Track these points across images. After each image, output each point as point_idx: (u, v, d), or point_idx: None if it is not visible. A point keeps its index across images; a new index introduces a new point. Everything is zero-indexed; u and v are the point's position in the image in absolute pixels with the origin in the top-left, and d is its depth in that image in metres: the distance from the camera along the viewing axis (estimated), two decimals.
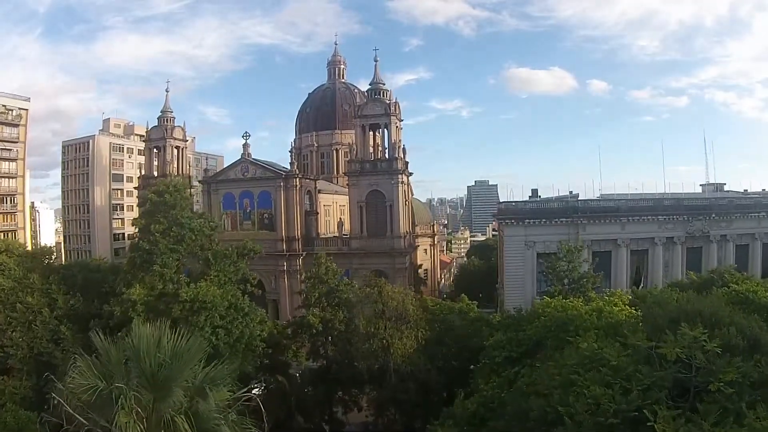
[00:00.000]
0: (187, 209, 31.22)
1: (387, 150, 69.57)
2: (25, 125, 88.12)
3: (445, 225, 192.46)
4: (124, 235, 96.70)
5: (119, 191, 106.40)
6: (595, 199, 56.08)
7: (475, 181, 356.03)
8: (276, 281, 68.01)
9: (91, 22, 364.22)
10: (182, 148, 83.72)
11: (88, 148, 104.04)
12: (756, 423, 13.98)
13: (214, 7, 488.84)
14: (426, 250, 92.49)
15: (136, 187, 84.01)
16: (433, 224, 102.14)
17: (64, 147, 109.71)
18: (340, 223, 75.87)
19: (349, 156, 72.77)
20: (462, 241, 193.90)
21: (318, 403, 35.72)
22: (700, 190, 69.37)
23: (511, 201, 59.39)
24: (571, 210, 51.68)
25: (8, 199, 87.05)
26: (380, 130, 70.33)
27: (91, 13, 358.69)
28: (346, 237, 69.60)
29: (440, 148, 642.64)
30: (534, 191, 62.14)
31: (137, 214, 36.79)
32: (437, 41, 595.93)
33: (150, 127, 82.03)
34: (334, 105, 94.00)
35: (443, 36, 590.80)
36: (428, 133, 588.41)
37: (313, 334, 34.47)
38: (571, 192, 61.33)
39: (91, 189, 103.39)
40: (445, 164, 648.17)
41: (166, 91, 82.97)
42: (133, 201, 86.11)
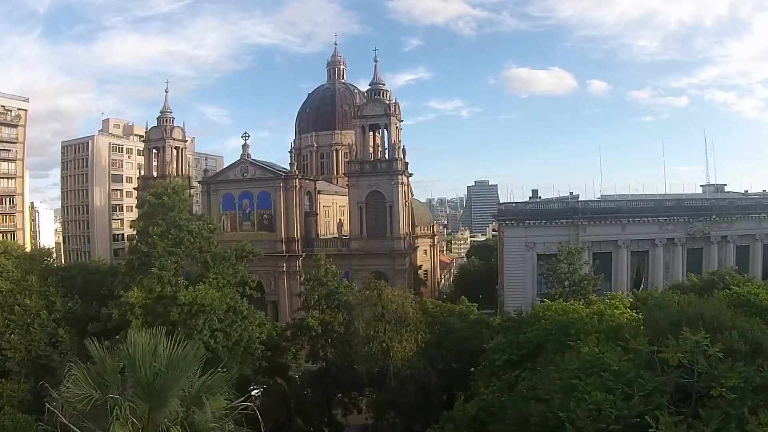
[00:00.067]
0: (185, 211, 31.01)
1: (387, 150, 69.37)
2: (24, 126, 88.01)
3: (445, 225, 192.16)
4: (124, 236, 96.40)
5: (119, 192, 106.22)
6: (596, 200, 56.02)
7: (475, 181, 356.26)
8: (275, 282, 67.84)
9: (91, 22, 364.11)
10: (182, 149, 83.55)
11: (88, 148, 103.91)
12: (758, 429, 13.90)
13: (214, 7, 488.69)
14: (426, 250, 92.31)
15: (135, 187, 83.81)
16: (433, 225, 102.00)
17: (63, 147, 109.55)
18: (340, 223, 75.70)
19: (348, 156, 72.57)
20: (462, 242, 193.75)
21: (317, 405, 35.61)
22: (700, 190, 69.29)
23: (512, 202, 59.27)
24: (571, 211, 51.60)
25: (7, 199, 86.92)
26: (380, 131, 70.13)
27: (91, 13, 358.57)
28: (346, 238, 69.46)
29: (440, 148, 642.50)
30: (534, 192, 62.02)
31: (137, 215, 36.58)
32: (437, 41, 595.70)
33: (149, 128, 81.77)
34: (334, 105, 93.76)
35: (443, 36, 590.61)
36: (428, 133, 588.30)
37: (313, 336, 34.34)
38: (571, 193, 61.25)
39: (91, 189, 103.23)
40: (445, 164, 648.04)
41: (166, 92, 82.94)
42: (133, 201, 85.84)
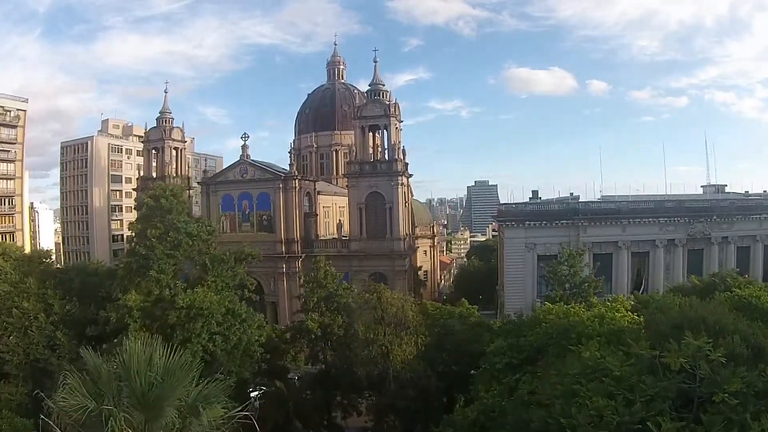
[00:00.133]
0: (183, 213, 30.84)
1: (387, 151, 69.21)
2: (23, 126, 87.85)
3: (445, 225, 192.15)
4: (123, 237, 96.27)
5: (118, 192, 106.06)
6: (596, 201, 55.81)
7: (475, 182, 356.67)
8: (275, 283, 67.69)
9: (91, 22, 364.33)
10: (181, 149, 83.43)
11: (87, 149, 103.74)
12: None
13: (214, 7, 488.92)
14: (426, 251, 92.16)
15: (134, 188, 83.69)
16: (433, 225, 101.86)
17: (62, 148, 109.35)
18: (340, 224, 75.50)
19: (348, 157, 72.42)
20: (462, 242, 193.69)
21: (316, 408, 35.45)
22: (700, 191, 69.12)
23: (512, 203, 59.05)
24: (571, 212, 51.36)
25: (6, 200, 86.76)
26: (380, 131, 69.99)
27: (91, 13, 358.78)
28: (346, 239, 69.29)
29: (440, 148, 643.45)
30: (534, 193, 61.72)
31: (135, 218, 36.42)
32: (437, 41, 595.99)
33: (148, 128, 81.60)
34: (334, 106, 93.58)
35: (443, 36, 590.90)
36: (428, 133, 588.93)
37: (312, 339, 34.20)
38: (571, 194, 61.08)
39: (90, 190, 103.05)
40: (445, 164, 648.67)
41: (165, 92, 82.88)
42: (132, 202, 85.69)
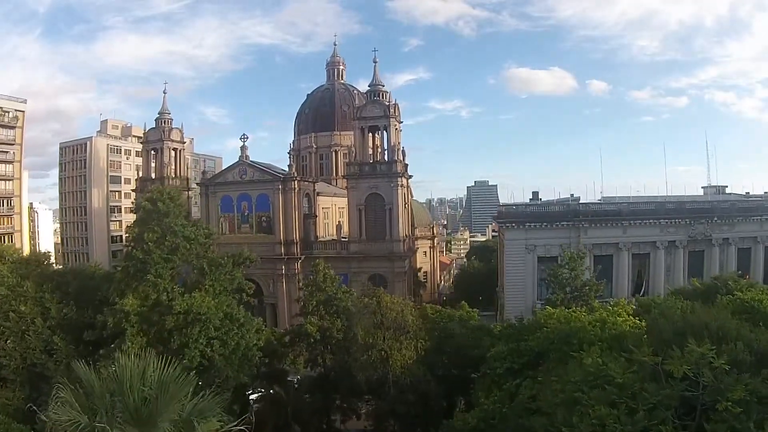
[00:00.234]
0: (180, 216, 30.55)
1: (386, 152, 69.02)
2: (22, 127, 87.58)
3: (445, 225, 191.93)
4: (122, 238, 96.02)
5: (117, 193, 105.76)
6: (597, 203, 55.57)
7: (475, 182, 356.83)
8: (274, 285, 67.42)
9: (91, 22, 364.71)
10: (180, 150, 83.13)
11: (86, 149, 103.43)
12: None
13: (214, 7, 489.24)
14: (425, 252, 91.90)
15: (133, 189, 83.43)
16: (433, 226, 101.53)
17: (61, 149, 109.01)
18: (339, 225, 75.26)
19: (348, 158, 72.14)
20: (462, 242, 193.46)
21: (315, 412, 35.19)
22: (701, 191, 68.90)
23: (512, 204, 58.83)
24: (572, 213, 51.14)
25: (5, 201, 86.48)
26: (379, 132, 69.81)
27: (91, 13, 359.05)
28: (345, 240, 69.04)
29: (440, 148, 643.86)
30: (535, 194, 61.47)
31: (132, 221, 36.16)
32: (437, 41, 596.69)
33: (147, 129, 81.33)
34: (333, 106, 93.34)
35: (443, 36, 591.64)
36: (428, 133, 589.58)
37: (311, 342, 33.96)
38: (572, 195, 60.84)
39: (89, 191, 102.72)
40: (444, 164, 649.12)
41: (164, 93, 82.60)
42: (132, 203, 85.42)
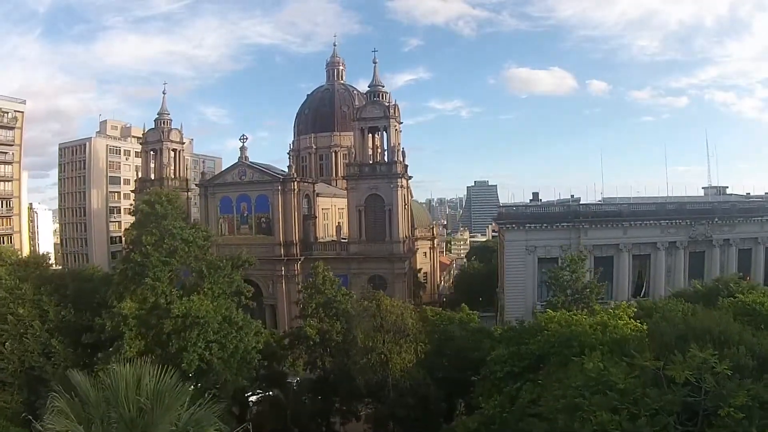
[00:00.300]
0: (179, 219, 30.35)
1: (386, 153, 68.84)
2: (21, 128, 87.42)
3: (445, 225, 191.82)
4: (122, 239, 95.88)
5: (116, 194, 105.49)
6: (597, 203, 55.38)
7: (475, 182, 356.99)
8: (274, 286, 67.23)
9: (91, 22, 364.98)
10: (179, 151, 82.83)
11: (85, 150, 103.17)
12: None
13: (214, 7, 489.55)
14: (425, 253, 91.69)
15: (133, 190, 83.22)
16: (433, 227, 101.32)
17: (60, 149, 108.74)
18: (339, 226, 75.09)
19: (348, 159, 71.97)
20: (462, 242, 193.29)
21: (315, 415, 35.03)
22: (701, 192, 68.72)
23: (512, 205, 58.62)
24: (572, 214, 50.95)
25: (4, 202, 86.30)
26: (379, 133, 69.62)
27: (91, 13, 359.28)
28: (345, 241, 68.83)
29: (440, 148, 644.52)
30: (535, 194, 61.23)
31: (130, 224, 35.99)
32: (437, 41, 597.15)
33: (147, 130, 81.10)
34: (333, 107, 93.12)
35: (443, 36, 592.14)
36: (428, 133, 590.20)
37: (310, 345, 33.81)
38: (572, 196, 60.58)
39: (88, 192, 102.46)
40: (444, 164, 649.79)
41: (163, 93, 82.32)
42: (131, 204, 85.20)
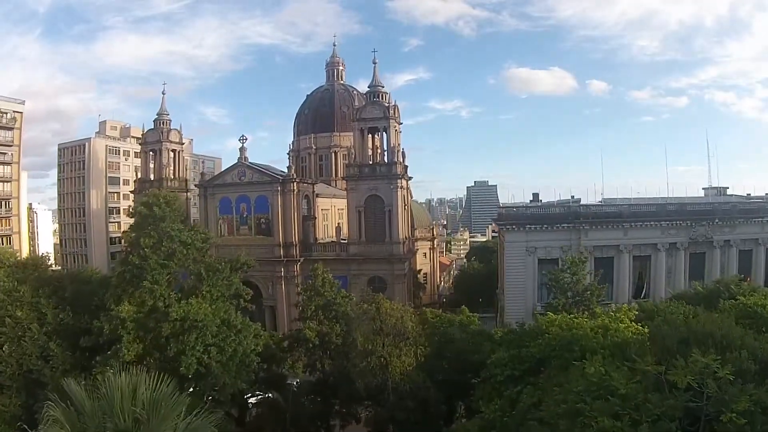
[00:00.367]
0: (177, 221, 30.19)
1: (386, 153, 68.73)
2: (20, 128, 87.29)
3: (445, 226, 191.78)
4: (121, 239, 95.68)
5: (116, 194, 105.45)
6: (597, 204, 55.23)
7: (475, 182, 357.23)
8: (273, 287, 67.09)
9: (91, 22, 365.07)
10: (179, 151, 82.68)
11: (84, 150, 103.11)
12: None
13: (214, 7, 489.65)
14: (425, 253, 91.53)
15: (132, 190, 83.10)
16: (433, 227, 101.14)
17: (59, 150, 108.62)
18: (339, 227, 74.95)
19: (347, 159, 71.85)
20: (461, 243, 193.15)
21: (314, 417, 34.88)
22: (702, 192, 68.61)
23: (512, 206, 58.48)
24: (573, 215, 50.82)
25: (3, 203, 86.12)
26: (379, 134, 69.50)
27: (91, 13, 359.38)
28: (345, 242, 68.68)
29: (440, 148, 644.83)
30: (535, 195, 61.13)
31: (129, 226, 35.86)
32: (437, 41, 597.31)
33: (146, 130, 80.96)
34: (333, 107, 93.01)
35: (443, 36, 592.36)
36: (428, 133, 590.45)
37: (310, 348, 33.68)
38: (572, 196, 60.46)
39: (87, 192, 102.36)
40: (444, 164, 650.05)
41: (162, 94, 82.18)
42: (130, 204, 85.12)
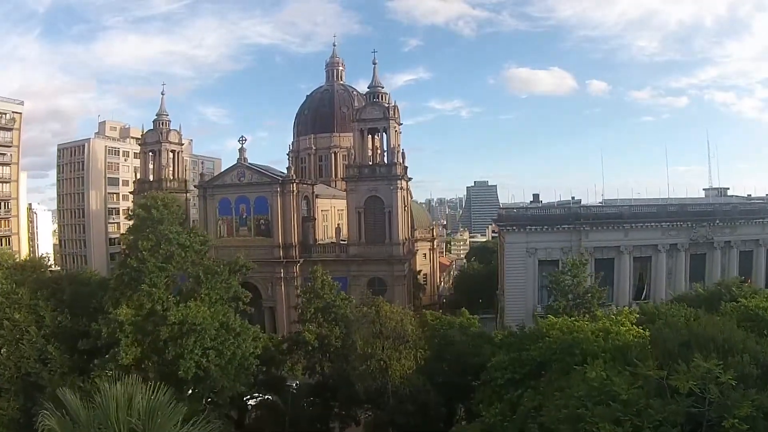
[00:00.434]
0: (175, 224, 30.04)
1: (386, 154, 68.58)
2: (19, 129, 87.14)
3: (444, 226, 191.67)
4: (120, 240, 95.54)
5: (115, 195, 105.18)
6: (598, 205, 55.07)
7: (475, 182, 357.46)
8: (273, 288, 66.91)
9: (91, 22, 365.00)
10: (178, 152, 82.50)
11: (84, 151, 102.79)
12: None
13: (214, 7, 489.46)
14: (425, 254, 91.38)
15: (131, 191, 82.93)
16: (433, 228, 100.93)
17: (59, 150, 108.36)
18: (338, 228, 74.78)
19: (347, 160, 71.70)
20: (461, 243, 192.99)
21: (314, 420, 34.75)
22: (701, 192, 68.58)
23: (512, 207, 58.36)
24: (573, 216, 50.69)
25: (2, 204, 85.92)
26: (379, 134, 69.34)
27: (91, 13, 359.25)
28: (344, 243, 68.51)
29: (440, 148, 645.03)
30: (535, 196, 61.02)
31: (126, 228, 35.72)
32: (437, 41, 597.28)
33: (145, 131, 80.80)
34: (333, 107, 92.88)
35: (443, 36, 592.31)
36: (428, 133, 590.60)
37: (309, 350, 33.54)
38: (573, 197, 60.30)
39: (87, 193, 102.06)
40: (444, 164, 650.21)
41: (162, 94, 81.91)
42: (129, 205, 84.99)
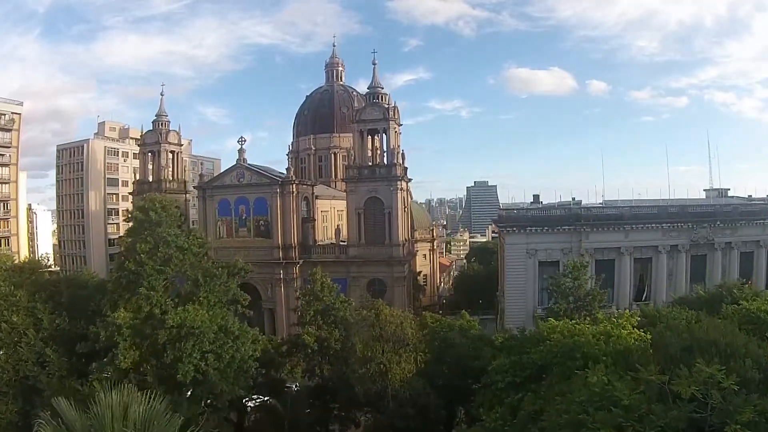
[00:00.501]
0: (173, 226, 29.87)
1: (386, 155, 68.43)
2: (18, 129, 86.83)
3: (444, 226, 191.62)
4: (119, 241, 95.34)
5: (114, 196, 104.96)
6: (598, 206, 54.95)
7: (475, 182, 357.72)
8: (272, 289, 66.74)
9: (91, 22, 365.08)
10: (177, 153, 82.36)
11: (83, 152, 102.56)
12: None
13: (214, 7, 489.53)
14: (425, 255, 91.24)
15: (131, 192, 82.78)
16: (433, 229, 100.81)
17: (58, 151, 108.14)
18: (338, 229, 74.65)
19: (347, 160, 71.55)
20: (461, 243, 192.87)
21: (313, 422, 34.59)
22: (701, 192, 68.43)
23: (512, 207, 58.23)
24: (573, 217, 50.60)
25: (2, 205, 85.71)
26: (379, 135, 69.21)
27: (91, 13, 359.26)
28: (344, 244, 68.36)
29: (440, 148, 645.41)
30: (535, 197, 60.87)
31: (125, 231, 35.57)
32: (437, 41, 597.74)
33: (145, 131, 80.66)
34: (332, 108, 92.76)
35: (443, 36, 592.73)
36: (428, 133, 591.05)
37: (309, 353, 33.39)
38: (573, 198, 60.14)
39: (86, 193, 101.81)
40: (444, 164, 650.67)
41: (161, 95, 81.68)
42: (129, 206, 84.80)
